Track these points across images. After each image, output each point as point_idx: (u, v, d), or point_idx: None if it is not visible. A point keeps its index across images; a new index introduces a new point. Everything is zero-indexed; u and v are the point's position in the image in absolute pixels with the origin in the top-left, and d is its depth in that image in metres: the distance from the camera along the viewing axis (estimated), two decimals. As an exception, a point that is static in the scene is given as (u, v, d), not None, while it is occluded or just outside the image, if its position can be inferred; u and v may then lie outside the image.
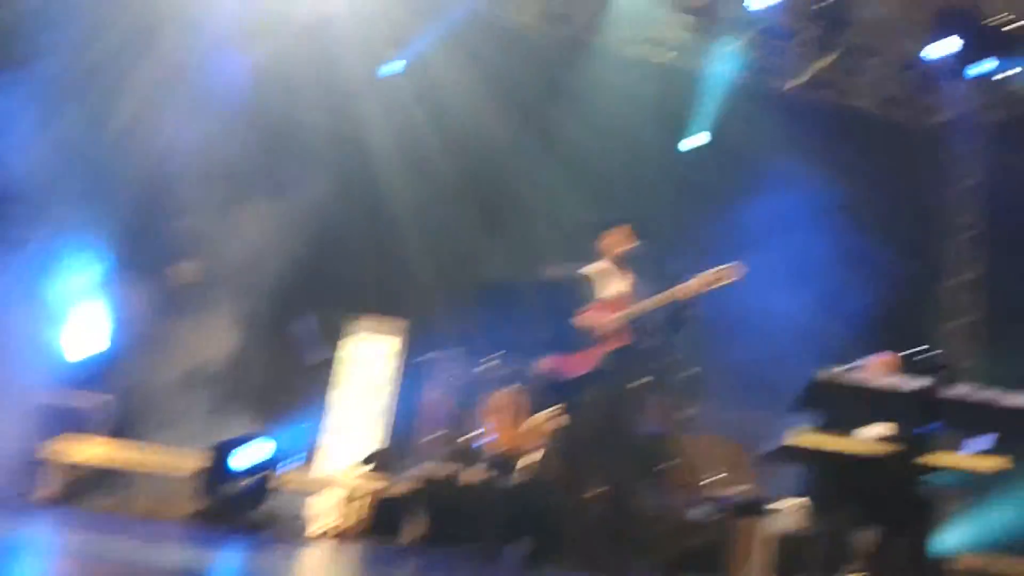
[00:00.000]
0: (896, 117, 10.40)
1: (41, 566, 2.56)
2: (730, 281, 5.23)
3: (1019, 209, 9.28)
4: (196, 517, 5.43)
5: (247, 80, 8.51)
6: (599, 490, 5.45)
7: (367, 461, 7.78)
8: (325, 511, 7.27)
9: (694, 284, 5.17)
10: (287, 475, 5.63)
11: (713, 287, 5.22)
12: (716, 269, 5.22)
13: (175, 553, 3.46)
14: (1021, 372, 7.55)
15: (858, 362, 5.55)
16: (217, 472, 5.57)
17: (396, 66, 9.24)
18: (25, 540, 3.50)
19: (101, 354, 7.57)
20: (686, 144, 9.76)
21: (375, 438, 9.21)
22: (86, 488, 6.92)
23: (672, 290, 5.21)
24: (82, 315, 7.68)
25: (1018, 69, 9.04)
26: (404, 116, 9.11)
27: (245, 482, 5.59)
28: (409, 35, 9.25)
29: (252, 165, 8.52)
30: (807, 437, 4.85)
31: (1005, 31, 8.88)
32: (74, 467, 6.75)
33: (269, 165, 8.63)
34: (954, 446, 5.27)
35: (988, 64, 8.72)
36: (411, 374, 9.17)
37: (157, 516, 6.59)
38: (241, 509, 5.40)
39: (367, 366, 9.64)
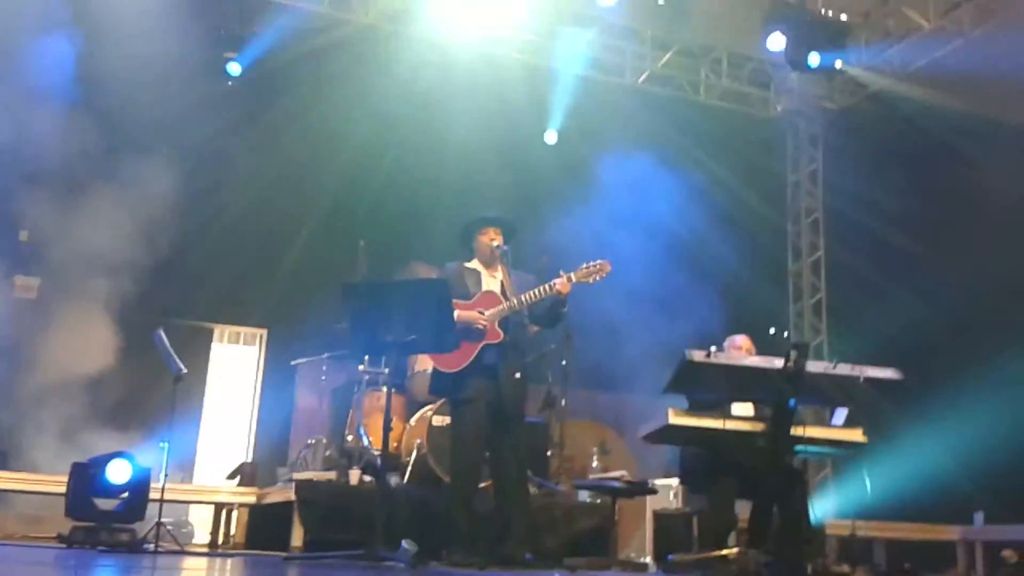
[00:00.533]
0: (737, 109, 10.90)
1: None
2: (601, 276, 5.37)
3: (854, 192, 9.87)
4: (68, 537, 5.10)
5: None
6: (484, 483, 5.50)
7: (233, 475, 7.54)
8: (201, 524, 7.03)
9: (568, 279, 5.27)
10: (159, 489, 5.36)
11: (585, 281, 5.34)
12: (588, 265, 5.35)
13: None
14: (862, 346, 8.14)
15: (723, 345, 5.79)
16: (87, 490, 5.26)
17: (233, 68, 8.93)
18: None
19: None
20: (549, 138, 9.90)
21: (242, 449, 8.98)
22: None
23: (547, 285, 5.29)
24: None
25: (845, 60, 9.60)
26: (253, 118, 8.86)
27: (118, 498, 5.30)
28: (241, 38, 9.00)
29: (95, 165, 8.13)
30: (687, 417, 5.03)
31: (831, 23, 9.46)
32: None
33: (114, 165, 8.25)
34: (818, 420, 5.60)
35: (816, 57, 9.21)
36: (278, 381, 8.96)
37: (26, 539, 6.20)
38: (115, 526, 5.12)
39: (230, 375, 9.39)
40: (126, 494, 5.36)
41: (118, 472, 5.31)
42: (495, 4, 9.29)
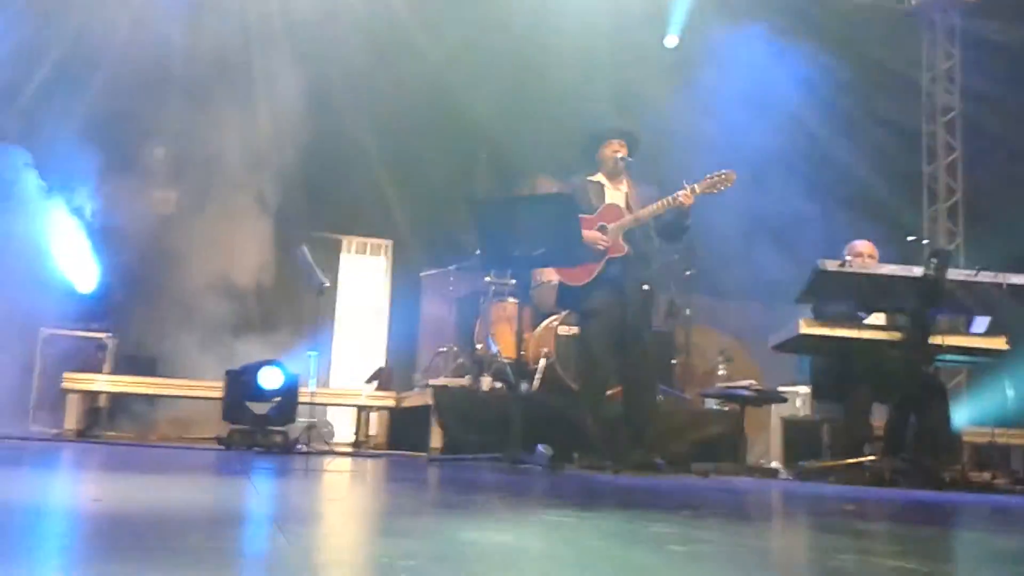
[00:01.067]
0: (869, 2, 10.33)
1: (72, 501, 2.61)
2: (726, 186, 5.29)
3: (994, 89, 9.33)
4: (226, 440, 5.50)
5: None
6: (613, 390, 5.62)
7: (371, 379, 7.89)
8: (341, 426, 7.44)
9: (692, 191, 5.22)
10: (306, 394, 5.71)
11: (710, 191, 5.28)
12: (712, 175, 5.27)
13: (210, 482, 3.53)
14: (1000, 251, 7.81)
15: (843, 251, 5.67)
16: (241, 395, 5.63)
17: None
18: (52, 474, 3.55)
19: (105, 287, 7.53)
20: (669, 42, 9.65)
21: (373, 355, 9.35)
22: (108, 416, 7.01)
23: (671, 197, 5.25)
24: (80, 249, 7.62)
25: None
26: (377, 36, 8.92)
27: (271, 403, 5.66)
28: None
29: (230, 78, 8.35)
30: (820, 326, 5.00)
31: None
32: (93, 398, 6.79)
33: (247, 79, 8.46)
34: (957, 328, 5.47)
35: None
36: (405, 291, 9.24)
37: (183, 441, 6.70)
38: (268, 430, 5.49)
39: (359, 285, 9.72)
40: (278, 399, 5.71)
41: (270, 378, 5.65)
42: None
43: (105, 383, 6.92)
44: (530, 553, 1.73)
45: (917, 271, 4.98)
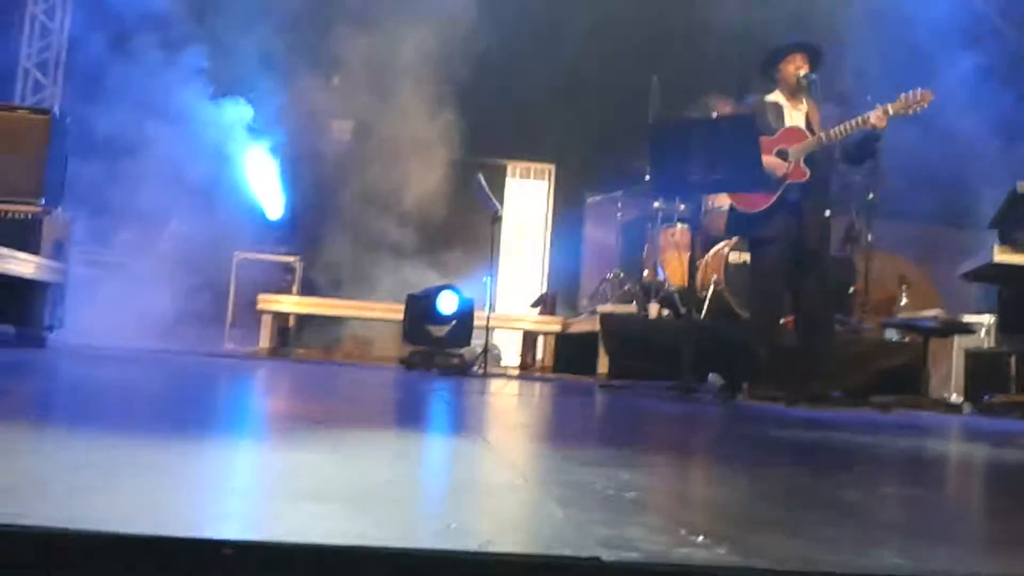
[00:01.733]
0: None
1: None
2: (922, 107, 4.96)
3: None
4: (408, 360, 5.81)
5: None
6: (789, 318, 5.50)
7: (536, 304, 8.03)
8: (507, 349, 7.67)
9: (885, 112, 4.94)
10: (481, 318, 5.92)
11: (904, 113, 4.98)
12: (906, 95, 4.95)
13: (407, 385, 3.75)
14: None
15: None
16: (421, 318, 5.90)
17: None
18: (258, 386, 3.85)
19: (293, 214, 7.97)
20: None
21: (537, 280, 9.52)
22: (296, 336, 7.50)
23: (861, 118, 4.98)
24: (266, 177, 8.07)
25: None
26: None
27: (448, 326, 5.91)
28: None
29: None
30: (1016, 253, 4.73)
31: None
32: (283, 317, 7.26)
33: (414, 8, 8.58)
34: None
35: None
36: (568, 215, 9.30)
37: (365, 359, 7.11)
38: (446, 351, 5.75)
39: (523, 209, 9.84)
40: (454, 322, 5.95)
41: (447, 303, 5.89)
42: None
43: (294, 304, 7.38)
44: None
45: None
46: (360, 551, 0.95)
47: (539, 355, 7.43)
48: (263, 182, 8.32)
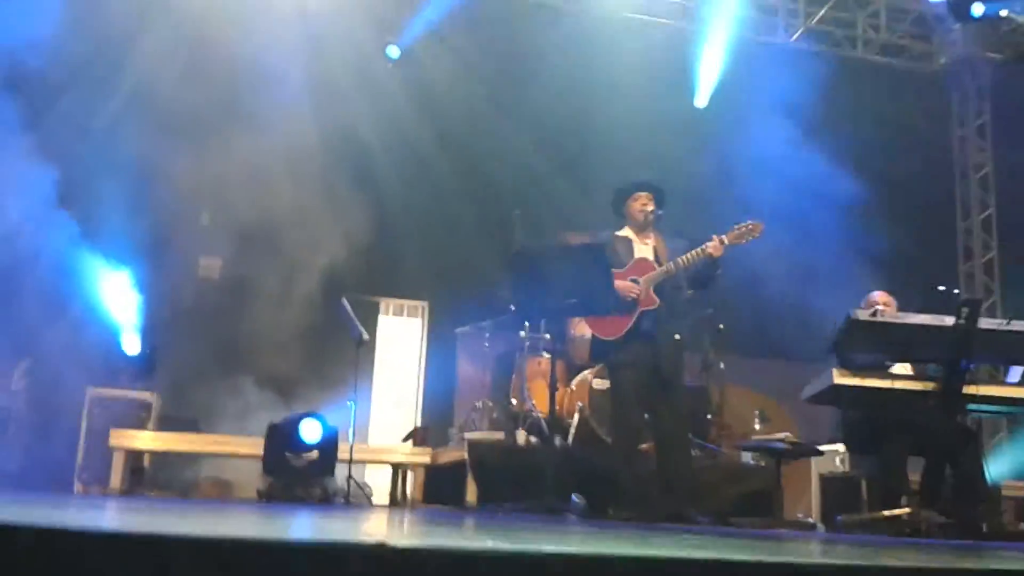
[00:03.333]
0: (897, 63, 10.53)
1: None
2: (753, 237, 5.37)
3: (1025, 146, 9.38)
4: (266, 492, 5.61)
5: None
6: (647, 444, 5.64)
7: (407, 438, 7.98)
8: (378, 484, 7.50)
9: (720, 242, 5.30)
10: (347, 447, 5.82)
11: (738, 243, 5.37)
12: (740, 226, 5.36)
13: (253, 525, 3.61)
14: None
15: (861, 303, 5.70)
16: (282, 447, 5.75)
17: (392, 52, 9.38)
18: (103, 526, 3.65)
19: (147, 348, 7.75)
20: (699, 101, 9.87)
21: (410, 414, 9.46)
22: (151, 476, 7.14)
23: (700, 249, 5.34)
24: (127, 311, 7.86)
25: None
26: (410, 99, 9.24)
27: (309, 456, 5.77)
28: (398, 23, 9.38)
29: (273, 148, 8.62)
30: (853, 376, 5.01)
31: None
32: (137, 456, 6.93)
33: (288, 149, 8.73)
34: (990, 379, 5.46)
35: (980, 7, 8.73)
36: (441, 349, 9.37)
37: (224, 498, 6.80)
38: (307, 482, 5.59)
39: (396, 345, 9.87)
40: (316, 453, 5.82)
41: (310, 431, 5.78)
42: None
43: (149, 440, 7.08)
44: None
45: (948, 320, 5.00)
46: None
47: (409, 489, 7.30)
48: (123, 316, 8.09)
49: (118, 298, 8.00)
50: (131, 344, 7.76)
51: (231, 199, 8.66)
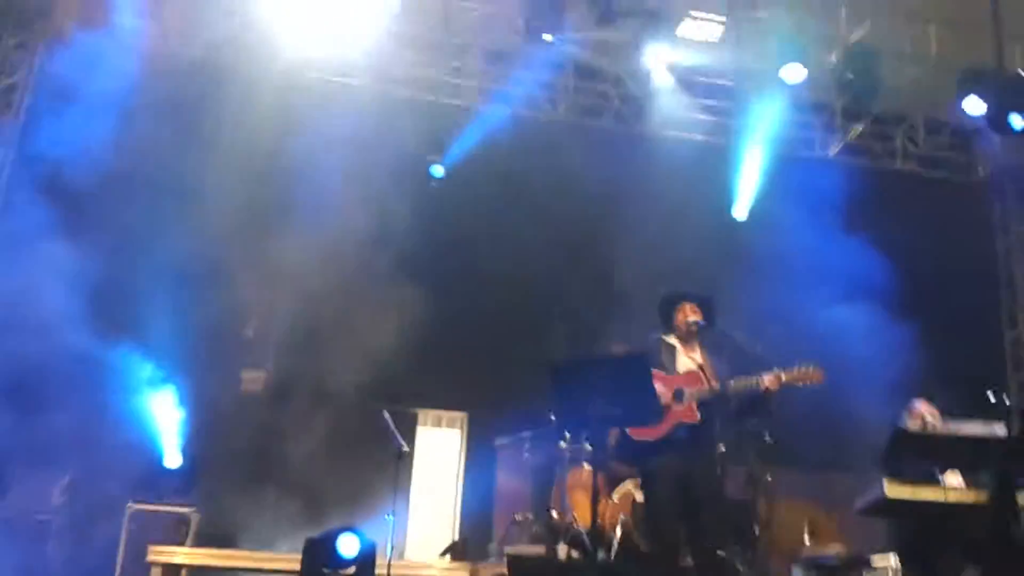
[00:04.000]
0: (938, 175, 10.58)
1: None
2: (810, 383, 5.29)
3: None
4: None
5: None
6: (691, 559, 5.46)
7: (445, 552, 7.83)
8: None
9: (778, 378, 5.23)
10: (385, 564, 5.72)
11: (794, 385, 5.29)
12: (802, 369, 5.27)
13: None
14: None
15: (901, 414, 5.60)
16: (320, 562, 5.67)
17: (437, 170, 9.65)
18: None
19: (188, 462, 7.77)
20: (739, 213, 9.96)
21: (448, 527, 9.29)
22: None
23: (756, 380, 5.26)
24: (167, 425, 7.93)
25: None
26: (450, 213, 9.43)
27: (347, 572, 5.67)
28: (445, 141, 9.67)
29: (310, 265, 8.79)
30: (905, 488, 4.88)
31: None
32: (175, 571, 6.86)
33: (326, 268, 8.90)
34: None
35: (1020, 119, 8.80)
36: (480, 461, 9.27)
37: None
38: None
39: (434, 457, 9.79)
40: (354, 568, 5.72)
41: (348, 545, 5.69)
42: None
43: (186, 556, 7.02)
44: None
45: (999, 431, 4.88)
46: None
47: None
48: (165, 430, 8.15)
49: (161, 412, 8.08)
50: (172, 458, 7.79)
51: (274, 311, 8.83)
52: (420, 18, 9.41)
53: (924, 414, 5.49)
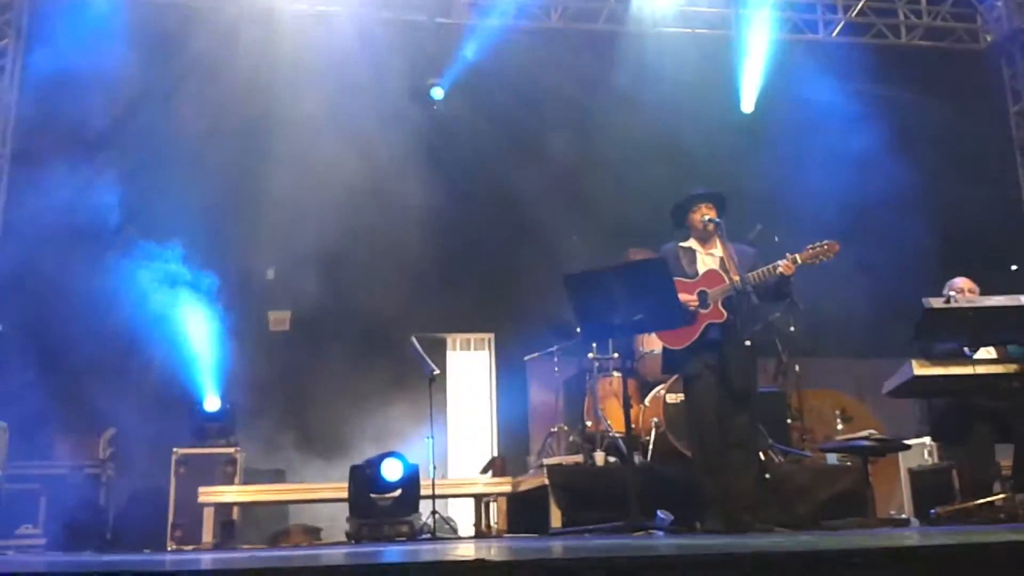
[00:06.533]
0: (944, 46, 10.37)
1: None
2: (828, 257, 5.30)
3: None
4: (355, 534, 5.68)
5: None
6: (730, 455, 5.56)
7: (485, 469, 8.00)
8: (461, 517, 7.55)
9: (793, 261, 5.25)
10: (429, 483, 5.88)
11: (812, 263, 5.30)
12: (814, 246, 5.29)
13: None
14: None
15: (943, 291, 5.60)
16: (366, 488, 5.83)
17: (437, 93, 9.53)
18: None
19: (227, 405, 7.92)
20: (746, 107, 9.83)
21: (486, 445, 9.50)
22: (241, 529, 7.27)
23: (771, 267, 5.29)
24: (205, 369, 8.06)
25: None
26: (459, 135, 9.36)
27: (393, 495, 5.84)
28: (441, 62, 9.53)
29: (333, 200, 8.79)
30: (933, 366, 4.92)
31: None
32: (227, 510, 7.07)
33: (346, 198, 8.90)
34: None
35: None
36: (511, 379, 9.41)
37: (313, 544, 6.90)
38: (394, 521, 5.65)
39: (466, 379, 9.94)
40: (399, 491, 5.88)
41: (392, 470, 5.85)
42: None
43: (236, 494, 7.22)
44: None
45: (1025, 300, 4.89)
46: None
47: (493, 519, 7.31)
48: (202, 375, 8.30)
49: (196, 358, 8.20)
50: (211, 402, 7.94)
51: (291, 251, 8.88)
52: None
53: (961, 289, 5.48)
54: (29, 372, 7.35)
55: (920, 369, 5.03)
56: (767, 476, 5.82)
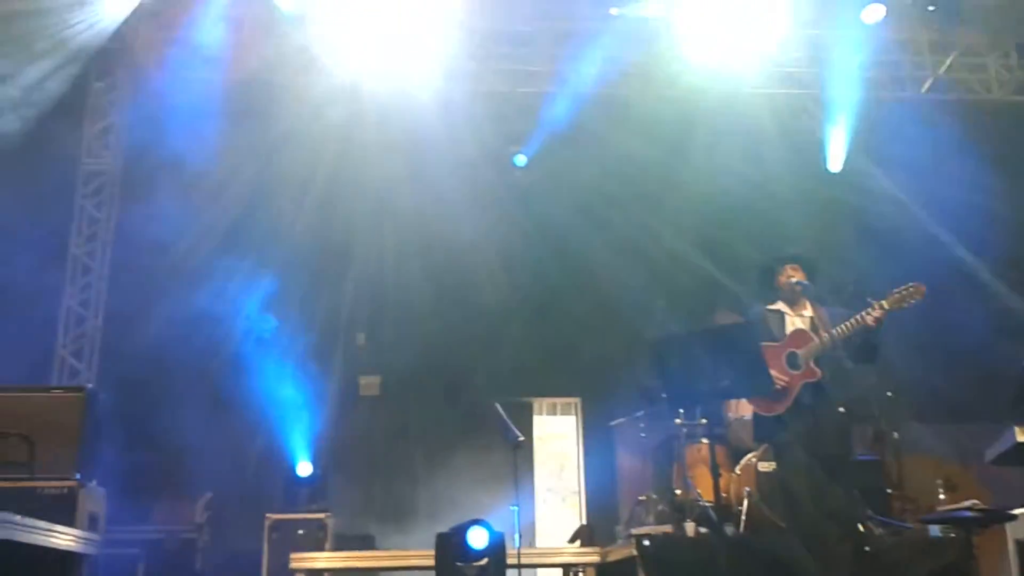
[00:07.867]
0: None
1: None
2: (915, 300, 5.16)
3: None
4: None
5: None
6: (826, 527, 5.38)
7: (573, 538, 7.90)
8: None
9: (879, 307, 5.13)
10: (515, 553, 5.83)
11: (899, 308, 5.16)
12: (900, 290, 5.17)
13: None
14: None
15: None
16: (452, 556, 5.81)
17: (520, 160, 9.69)
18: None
19: (319, 470, 8.04)
20: (833, 165, 9.70)
21: (574, 512, 9.39)
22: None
23: (857, 317, 5.18)
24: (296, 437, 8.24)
25: None
26: (547, 198, 9.46)
27: (480, 564, 5.80)
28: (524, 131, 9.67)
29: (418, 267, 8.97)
30: (1040, 432, 4.70)
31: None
32: (316, 575, 7.13)
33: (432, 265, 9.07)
34: None
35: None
36: (598, 444, 9.32)
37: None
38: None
39: (552, 444, 9.89)
40: (485, 560, 5.84)
41: (478, 538, 5.82)
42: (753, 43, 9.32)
43: (326, 560, 7.28)
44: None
45: None
46: None
47: (584, 589, 7.19)
48: (295, 442, 8.47)
49: (289, 426, 8.38)
50: (304, 467, 8.08)
51: (381, 316, 9.07)
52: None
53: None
54: (129, 435, 7.61)
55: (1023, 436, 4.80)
56: (866, 549, 5.58)
